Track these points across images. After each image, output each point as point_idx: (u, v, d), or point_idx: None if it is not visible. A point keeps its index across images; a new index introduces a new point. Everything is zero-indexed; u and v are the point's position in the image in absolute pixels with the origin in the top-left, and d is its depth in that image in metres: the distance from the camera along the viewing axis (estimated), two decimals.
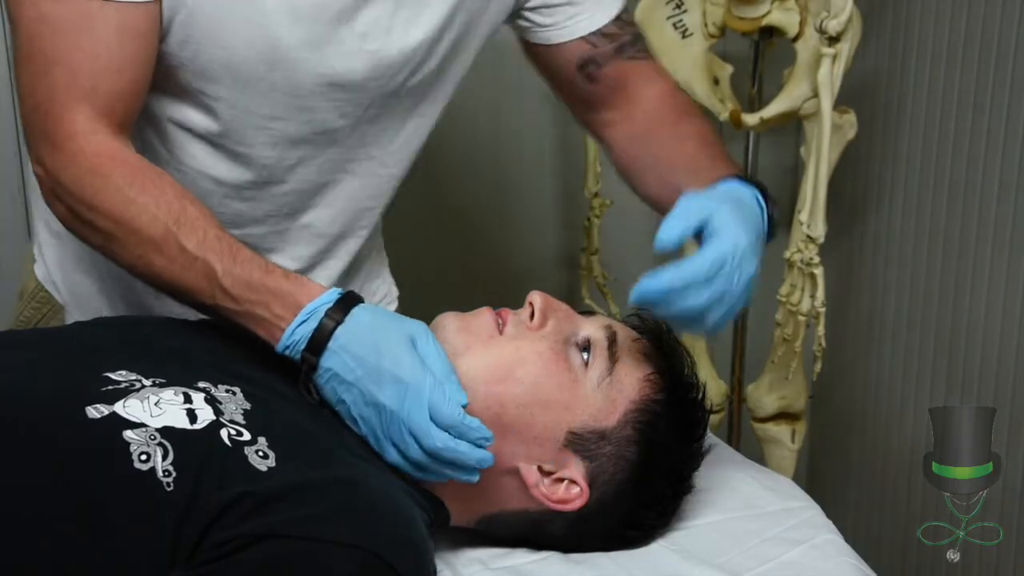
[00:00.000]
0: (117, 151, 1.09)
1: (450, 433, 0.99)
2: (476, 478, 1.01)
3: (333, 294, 1.04)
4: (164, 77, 1.15)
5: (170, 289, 1.08)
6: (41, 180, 1.11)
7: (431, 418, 0.98)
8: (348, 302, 1.05)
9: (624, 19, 1.33)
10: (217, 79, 1.15)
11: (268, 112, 1.19)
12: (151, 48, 1.11)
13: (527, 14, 1.30)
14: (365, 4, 1.16)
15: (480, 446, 1.00)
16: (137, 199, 1.06)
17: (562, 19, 1.30)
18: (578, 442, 1.05)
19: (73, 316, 1.32)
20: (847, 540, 1.14)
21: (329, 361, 1.01)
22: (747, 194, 1.13)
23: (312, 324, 1.02)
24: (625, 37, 1.32)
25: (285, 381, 1.06)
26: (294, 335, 1.02)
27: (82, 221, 1.10)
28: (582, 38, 1.30)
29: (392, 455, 1.01)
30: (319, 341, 1.01)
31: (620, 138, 1.34)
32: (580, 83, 1.34)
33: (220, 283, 1.04)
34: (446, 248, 2.20)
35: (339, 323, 1.02)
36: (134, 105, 1.12)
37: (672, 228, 1.04)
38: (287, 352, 1.03)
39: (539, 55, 1.34)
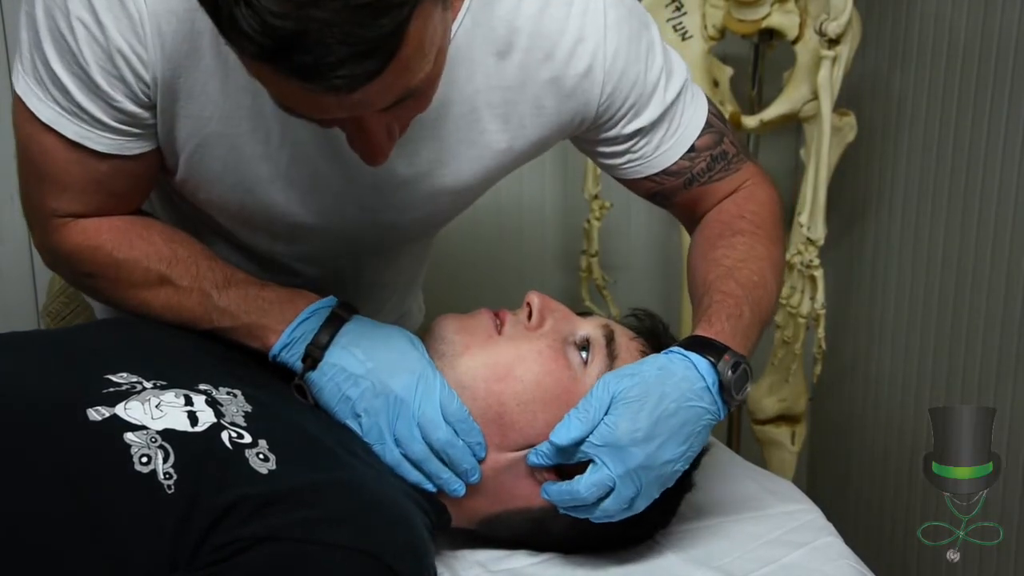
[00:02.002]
0: (103, 222, 1.12)
1: (454, 429, 1.02)
2: (462, 492, 1.04)
3: (333, 299, 1.06)
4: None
5: (173, 323, 1.11)
6: (41, 254, 1.17)
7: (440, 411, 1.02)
8: (350, 306, 1.07)
9: (699, 146, 1.19)
10: (223, 216, 1.18)
11: (284, 251, 1.21)
12: (150, 179, 1.13)
13: (590, 153, 1.22)
14: (370, 175, 1.10)
15: (474, 453, 1.03)
16: (128, 258, 1.11)
17: (622, 162, 1.19)
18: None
19: (100, 315, 1.35)
20: (847, 541, 1.14)
21: (336, 356, 1.03)
22: (679, 372, 1.01)
23: (316, 322, 1.05)
24: (698, 166, 1.19)
25: (286, 384, 1.06)
26: (295, 332, 1.04)
27: (83, 285, 1.19)
28: (646, 178, 1.20)
29: (392, 453, 1.02)
30: (325, 338, 1.03)
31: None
32: (656, 205, 1.25)
33: (216, 305, 1.08)
34: (445, 250, 2.20)
35: (346, 320, 1.05)
36: (129, 210, 1.14)
37: (570, 430, 1.00)
38: (284, 352, 1.05)
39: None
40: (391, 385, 1.02)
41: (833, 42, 1.68)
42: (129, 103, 1.04)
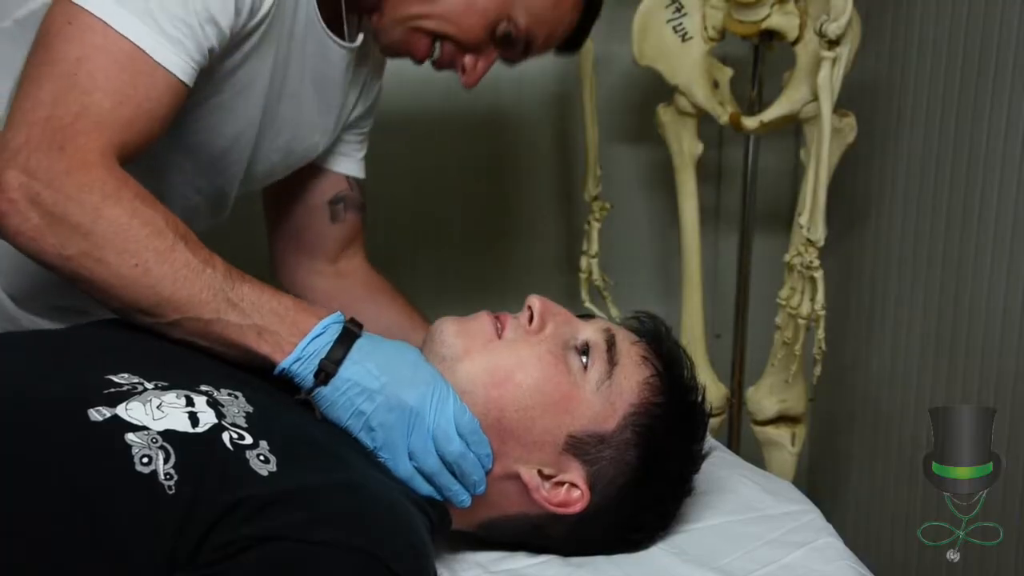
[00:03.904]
0: (129, 178, 1.06)
1: (465, 442, 1.02)
2: (469, 503, 1.04)
3: (340, 315, 1.05)
4: None
5: (164, 302, 1.03)
6: (14, 188, 1.01)
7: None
8: (357, 322, 1.07)
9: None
10: (189, 154, 1.23)
11: (202, 184, 1.30)
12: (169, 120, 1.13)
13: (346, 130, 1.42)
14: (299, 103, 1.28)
15: (482, 465, 1.03)
16: (146, 212, 1.03)
17: (350, 150, 1.45)
18: (578, 446, 1.06)
19: None
20: (847, 541, 1.14)
21: (350, 371, 1.02)
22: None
23: (328, 337, 1.03)
24: (362, 201, 1.49)
25: (287, 386, 1.06)
26: (308, 348, 1.02)
27: (68, 226, 1.01)
28: (346, 177, 1.46)
29: (405, 467, 1.02)
30: (339, 353, 1.02)
31: (329, 288, 1.49)
32: (322, 217, 1.46)
33: (228, 296, 1.03)
34: (445, 252, 2.20)
35: (357, 336, 1.04)
36: (139, 154, 1.11)
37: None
38: (295, 366, 1.02)
39: (306, 176, 1.44)
40: (405, 399, 1.02)
41: (833, 43, 1.68)
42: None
